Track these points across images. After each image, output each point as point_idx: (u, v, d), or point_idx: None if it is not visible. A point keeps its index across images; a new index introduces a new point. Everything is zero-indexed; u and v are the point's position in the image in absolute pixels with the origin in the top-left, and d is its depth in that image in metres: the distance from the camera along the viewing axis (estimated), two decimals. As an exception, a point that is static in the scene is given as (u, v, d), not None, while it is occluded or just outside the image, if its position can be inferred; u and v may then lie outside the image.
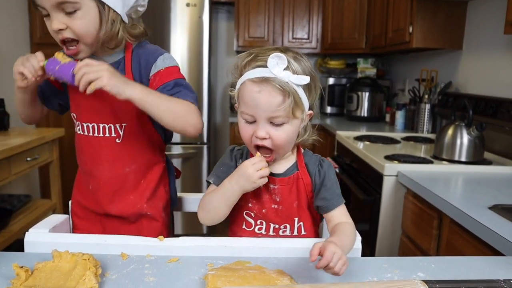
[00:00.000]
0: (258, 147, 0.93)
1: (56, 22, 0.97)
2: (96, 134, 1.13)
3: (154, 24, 3.19)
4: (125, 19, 1.06)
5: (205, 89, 3.30)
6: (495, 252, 1.13)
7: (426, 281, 0.69)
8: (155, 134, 1.18)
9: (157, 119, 1.03)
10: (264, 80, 0.86)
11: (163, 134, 1.21)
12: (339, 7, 3.52)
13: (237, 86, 0.93)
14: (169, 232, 1.27)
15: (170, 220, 1.29)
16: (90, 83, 0.94)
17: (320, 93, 0.98)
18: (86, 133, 1.14)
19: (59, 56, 1.00)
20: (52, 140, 2.77)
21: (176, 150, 3.36)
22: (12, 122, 2.69)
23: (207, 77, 3.28)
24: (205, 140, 3.38)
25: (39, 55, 1.00)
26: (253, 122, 0.91)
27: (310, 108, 0.95)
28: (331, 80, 3.75)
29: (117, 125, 1.11)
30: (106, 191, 1.16)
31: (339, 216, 0.98)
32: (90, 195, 1.19)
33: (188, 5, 3.17)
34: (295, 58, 0.90)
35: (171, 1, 3.16)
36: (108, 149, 1.13)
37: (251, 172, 0.91)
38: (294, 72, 0.87)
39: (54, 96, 1.20)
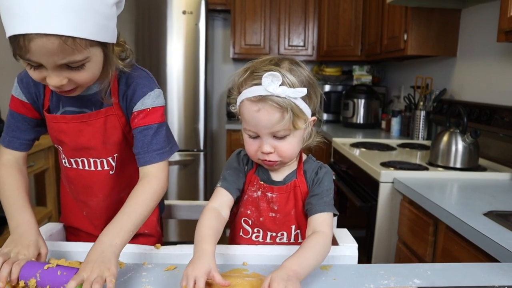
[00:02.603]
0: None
1: (57, 80, 0.82)
2: (86, 168, 1.06)
3: (150, 31, 3.21)
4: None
5: (202, 96, 3.30)
6: (490, 258, 1.13)
7: (422, 288, 0.70)
8: None
9: None
10: (261, 99, 0.86)
11: None
12: (334, 15, 3.55)
13: (237, 104, 0.93)
14: (162, 242, 1.26)
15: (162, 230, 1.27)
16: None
17: (321, 97, 0.97)
18: (75, 167, 1.07)
19: None
20: (48, 148, 2.76)
21: (173, 157, 3.35)
22: (8, 130, 2.67)
23: (204, 84, 3.29)
24: (201, 147, 3.38)
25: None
26: (257, 137, 0.92)
27: (313, 114, 0.95)
28: (327, 87, 3.77)
29: (109, 158, 1.05)
30: (103, 218, 1.11)
31: (318, 223, 0.93)
32: (86, 220, 1.16)
33: (184, 12, 3.19)
34: (291, 70, 0.89)
35: (167, 8, 3.17)
36: (101, 182, 1.08)
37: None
38: (291, 86, 0.86)
39: (35, 131, 1.07)
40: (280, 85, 0.84)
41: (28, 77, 0.94)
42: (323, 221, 0.93)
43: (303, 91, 0.86)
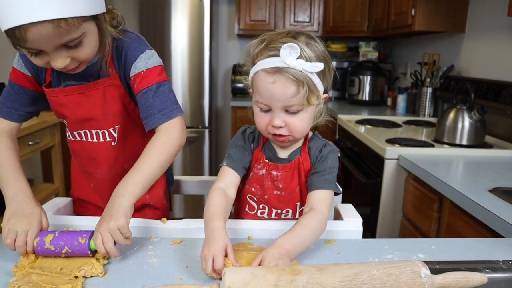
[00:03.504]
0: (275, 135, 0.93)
1: (61, 61, 0.83)
2: (89, 140, 1.07)
3: (154, 8, 3.17)
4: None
5: (207, 73, 3.29)
6: (495, 234, 1.14)
7: (426, 262, 0.70)
8: None
9: None
10: (278, 71, 0.84)
11: None
12: (341, -10, 3.49)
13: (250, 75, 0.91)
14: (168, 216, 1.27)
15: (169, 202, 1.28)
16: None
17: (335, 75, 0.95)
18: (78, 139, 1.09)
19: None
20: (54, 124, 2.77)
21: (178, 134, 3.36)
22: (14, 107, 2.67)
23: (208, 61, 3.27)
24: (206, 124, 3.38)
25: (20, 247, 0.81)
26: (269, 111, 0.91)
27: (325, 91, 0.93)
28: (332, 64, 3.72)
29: (111, 129, 1.06)
30: (109, 191, 1.11)
31: (316, 200, 0.92)
32: (94, 193, 1.18)
33: (188, -12, 3.14)
34: (308, 44, 0.87)
35: (171, -17, 3.13)
36: (104, 153, 1.09)
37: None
38: (308, 60, 0.84)
39: (33, 103, 1.06)
40: (297, 58, 0.83)
41: None
42: (321, 199, 0.92)
43: (320, 65, 0.84)
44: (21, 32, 0.75)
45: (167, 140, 0.95)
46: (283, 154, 1.01)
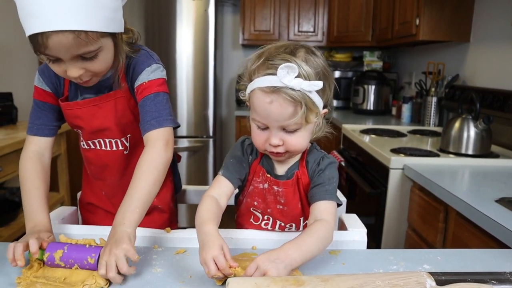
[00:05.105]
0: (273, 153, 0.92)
1: (75, 71, 0.89)
2: (103, 148, 1.12)
3: (160, 18, 3.20)
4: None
5: (211, 82, 3.30)
6: (501, 245, 1.13)
7: (432, 273, 0.70)
8: None
9: None
10: (275, 91, 0.82)
11: None
12: (345, 0, 3.50)
13: (247, 91, 0.90)
14: (176, 221, 1.29)
15: (176, 208, 1.30)
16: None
17: (335, 88, 0.93)
18: (92, 147, 1.13)
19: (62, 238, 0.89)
20: (60, 134, 2.79)
21: (182, 143, 3.37)
22: (20, 116, 2.70)
23: (213, 70, 3.28)
24: (211, 133, 3.39)
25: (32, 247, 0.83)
26: (266, 128, 0.89)
27: (325, 106, 0.91)
28: (337, 73, 3.74)
29: (123, 138, 1.10)
30: (120, 196, 1.15)
31: (319, 211, 0.90)
32: (105, 199, 1.20)
33: (193, -2, 3.17)
34: (307, 60, 0.85)
35: (176, -6, 3.16)
36: (117, 161, 1.13)
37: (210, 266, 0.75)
38: (306, 78, 0.82)
39: (60, 117, 1.11)
40: (295, 77, 0.80)
41: (49, 68, 0.97)
42: (325, 209, 0.90)
43: (319, 84, 0.82)
44: (43, 38, 0.81)
45: (152, 158, 0.95)
46: (281, 168, 0.99)
